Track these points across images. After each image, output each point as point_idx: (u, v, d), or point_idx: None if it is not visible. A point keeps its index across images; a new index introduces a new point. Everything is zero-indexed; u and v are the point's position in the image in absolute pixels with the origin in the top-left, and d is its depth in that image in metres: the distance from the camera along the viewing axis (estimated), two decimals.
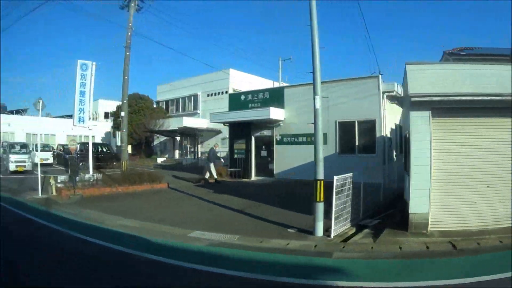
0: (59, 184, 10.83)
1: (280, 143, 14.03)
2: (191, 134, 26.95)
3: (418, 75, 6.20)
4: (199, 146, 27.00)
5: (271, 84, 27.89)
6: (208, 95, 27.90)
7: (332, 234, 5.77)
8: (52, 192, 10.36)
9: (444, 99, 5.98)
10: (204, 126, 26.63)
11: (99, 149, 20.47)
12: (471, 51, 9.96)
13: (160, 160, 25.99)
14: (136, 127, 25.80)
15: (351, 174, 6.44)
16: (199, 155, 26.09)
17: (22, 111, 36.38)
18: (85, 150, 16.19)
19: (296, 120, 13.55)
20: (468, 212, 6.09)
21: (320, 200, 5.82)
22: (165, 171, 16.64)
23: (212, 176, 13.54)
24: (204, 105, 28.06)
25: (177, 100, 30.30)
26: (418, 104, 6.12)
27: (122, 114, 14.25)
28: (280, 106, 13.84)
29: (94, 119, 30.52)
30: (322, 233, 5.85)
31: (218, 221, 7.27)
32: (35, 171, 16.90)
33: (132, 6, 14.44)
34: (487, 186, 6.05)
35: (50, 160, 22.24)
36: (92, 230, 6.50)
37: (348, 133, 12.36)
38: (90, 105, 12.64)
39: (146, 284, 3.96)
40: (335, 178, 5.74)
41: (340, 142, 12.51)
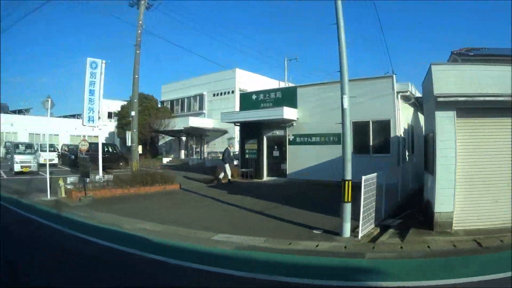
0: (68, 186, 10.70)
1: (293, 143, 14.13)
2: (197, 134, 27.08)
3: (443, 76, 6.34)
4: (205, 146, 27.12)
5: (277, 84, 28.06)
6: (214, 94, 28.04)
7: (360, 235, 5.85)
8: (61, 194, 10.22)
9: (469, 99, 6.12)
10: (210, 126, 26.79)
11: (105, 149, 20.55)
12: (479, 51, 10.04)
13: (165, 160, 26.11)
14: (141, 127, 25.89)
15: (375, 174, 6.53)
16: (205, 155, 26.21)
17: (25, 111, 36.52)
18: (91, 151, 16.21)
19: (309, 120, 13.68)
20: (489, 211, 6.24)
21: (348, 200, 5.90)
22: (172, 172, 16.64)
23: (226, 177, 13.63)
24: (210, 105, 28.20)
25: (182, 100, 30.45)
26: (444, 105, 6.25)
27: (133, 113, 14.33)
28: (293, 105, 13.92)
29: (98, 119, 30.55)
30: (349, 234, 5.90)
31: (239, 223, 7.22)
32: (40, 172, 17.02)
33: (142, 3, 14.49)
34: (508, 185, 6.18)
35: (55, 161, 22.33)
36: (113, 235, 6.34)
37: (362, 133, 12.45)
38: (100, 104, 12.64)
39: None
40: (363, 178, 5.85)
41: (354, 142, 12.57)
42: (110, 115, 37.55)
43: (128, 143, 14.50)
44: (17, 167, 16.61)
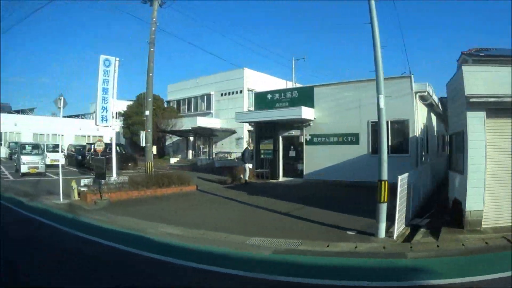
0: (82, 188, 10.53)
1: (309, 143, 14.35)
2: (205, 134, 27.31)
3: (473, 77, 6.60)
4: (214, 146, 27.36)
5: (285, 83, 28.29)
6: (222, 94, 28.27)
7: (395, 235, 6.03)
8: (74, 197, 10.05)
9: (499, 100, 6.36)
10: (217, 126, 27.02)
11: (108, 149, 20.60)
12: (488, 52, 10.24)
13: (173, 160, 26.34)
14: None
15: (407, 175, 6.74)
16: (214, 155, 26.45)
17: (29, 111, 36.78)
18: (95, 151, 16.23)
19: (327, 120, 13.92)
20: None
21: (384, 201, 6.04)
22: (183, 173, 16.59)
23: (242, 177, 13.84)
24: (218, 104, 28.45)
25: (189, 99, 30.70)
26: (474, 105, 6.49)
27: (147, 113, 14.52)
28: (310, 105, 14.15)
29: None
30: (384, 234, 6.06)
31: (268, 225, 7.19)
32: (47, 173, 16.93)
33: (156, 1, 14.60)
34: None
35: (62, 161, 22.48)
36: (139, 241, 6.12)
37: None
38: (113, 103, 12.71)
39: None
40: (399, 178, 6.06)
41: (372, 142, 12.82)
42: (115, 115, 37.81)
43: (142, 143, 14.65)
44: (24, 168, 16.45)
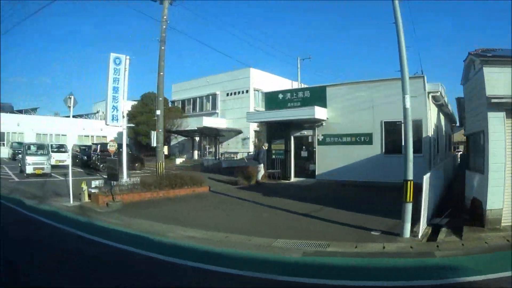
0: (92, 190, 10.40)
1: (322, 143, 14.53)
2: (211, 134, 27.53)
3: (494, 77, 6.84)
4: (220, 146, 27.58)
5: (290, 83, 28.55)
6: (227, 94, 28.50)
7: (420, 234, 6.24)
8: (84, 199, 9.98)
9: None
10: (223, 126, 27.25)
11: (120, 150, 20.75)
12: (495, 52, 10.45)
13: (179, 161, 26.52)
14: (153, 127, 26.25)
15: (429, 174, 6.96)
16: (220, 155, 26.67)
17: (32, 111, 36.99)
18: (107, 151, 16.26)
19: (340, 120, 14.12)
20: None
21: (409, 200, 6.19)
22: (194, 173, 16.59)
23: (255, 178, 14.07)
24: (223, 104, 28.68)
25: (194, 99, 30.92)
26: (494, 105, 6.73)
27: (158, 112, 14.77)
28: (322, 105, 14.31)
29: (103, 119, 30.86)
30: (409, 234, 6.20)
31: (289, 227, 7.22)
32: (53, 174, 16.93)
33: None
34: None
35: (67, 162, 22.65)
36: (160, 245, 6.03)
37: (393, 133, 12.87)
38: (124, 102, 12.62)
39: None
40: (424, 177, 6.28)
41: (385, 142, 13.05)
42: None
43: (153, 144, 14.79)
44: (29, 169, 16.21)
